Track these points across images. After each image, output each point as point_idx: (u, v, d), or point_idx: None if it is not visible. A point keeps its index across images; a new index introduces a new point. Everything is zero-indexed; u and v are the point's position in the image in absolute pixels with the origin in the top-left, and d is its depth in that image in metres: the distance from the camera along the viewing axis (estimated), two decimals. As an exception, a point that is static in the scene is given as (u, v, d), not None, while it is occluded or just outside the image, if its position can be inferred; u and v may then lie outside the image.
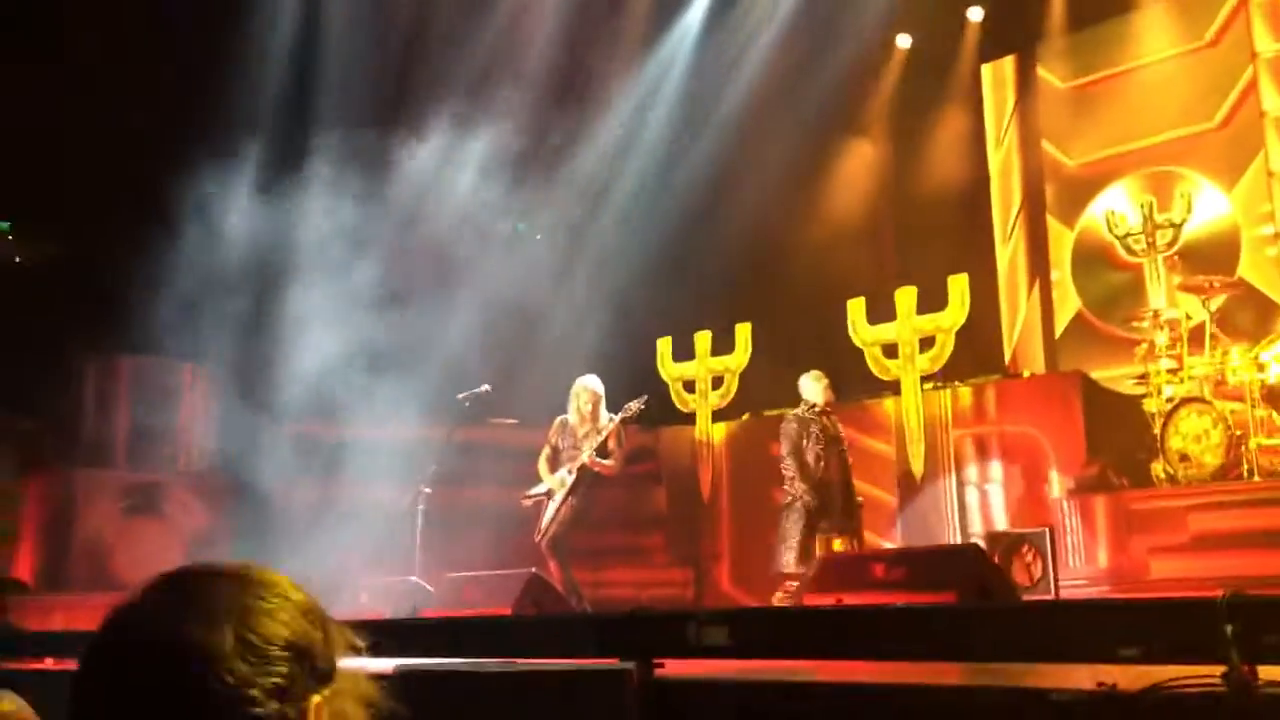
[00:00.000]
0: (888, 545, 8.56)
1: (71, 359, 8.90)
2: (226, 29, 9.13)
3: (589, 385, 7.82)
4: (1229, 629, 2.82)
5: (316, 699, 1.15)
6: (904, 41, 11.60)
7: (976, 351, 9.45)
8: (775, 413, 9.77)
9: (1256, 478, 6.69)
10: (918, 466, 8.63)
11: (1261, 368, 6.92)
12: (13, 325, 9.15)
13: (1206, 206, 9.92)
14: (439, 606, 6.86)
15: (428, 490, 7.76)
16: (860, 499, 7.87)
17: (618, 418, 7.73)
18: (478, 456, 8.63)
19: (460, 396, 8.10)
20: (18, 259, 10.83)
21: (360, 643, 1.26)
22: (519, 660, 4.25)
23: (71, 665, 5.40)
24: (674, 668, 3.75)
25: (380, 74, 9.73)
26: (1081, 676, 3.00)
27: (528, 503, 7.96)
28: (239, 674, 1.08)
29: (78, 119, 9.05)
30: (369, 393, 8.54)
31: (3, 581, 8.07)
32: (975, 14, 11.30)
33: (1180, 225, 9.94)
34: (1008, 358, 10.86)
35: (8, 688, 2.16)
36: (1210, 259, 9.28)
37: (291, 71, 9.52)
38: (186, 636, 1.09)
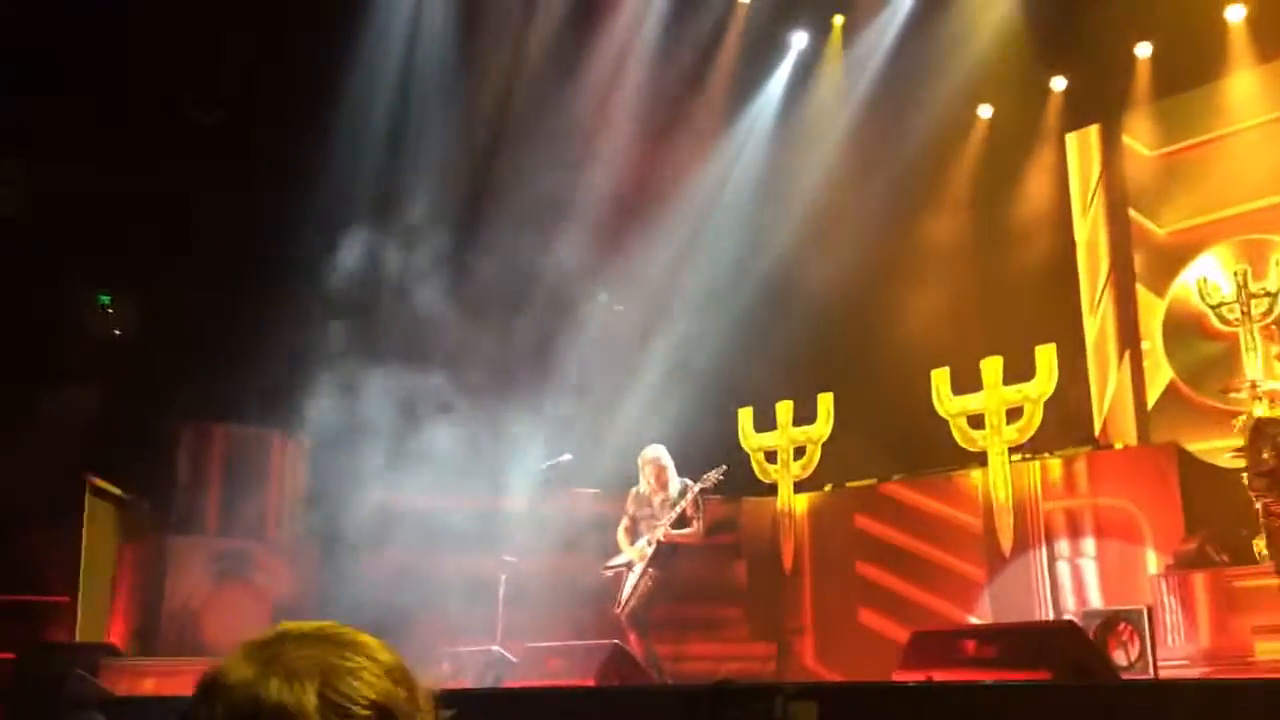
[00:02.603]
0: (975, 621, 8.36)
1: (166, 428, 9.15)
2: (328, 106, 9.45)
3: (652, 455, 7.84)
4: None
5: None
6: (985, 112, 11.58)
7: (1065, 423, 9.26)
8: (858, 484, 9.67)
9: (1367, 555, 6.40)
10: (1006, 540, 8.44)
11: (1369, 440, 6.66)
12: (110, 395, 9.44)
13: (1303, 275, 9.65)
14: (522, 677, 6.84)
15: (510, 559, 7.78)
16: None
17: (696, 486, 7.71)
18: (559, 526, 8.65)
19: (542, 466, 8.16)
20: (117, 332, 11.19)
21: (445, 710, 1.28)
22: (603, 732, 4.21)
23: (163, 730, 5.46)
24: (760, 743, 3.69)
25: (468, 157, 10.00)
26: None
27: (608, 574, 7.95)
28: None
29: (178, 191, 9.40)
30: (453, 462, 8.62)
31: (97, 646, 8.24)
32: (1058, 83, 11.25)
33: (1276, 294, 9.68)
34: (1098, 429, 10.61)
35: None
36: (1309, 327, 9.00)
37: (388, 146, 9.80)
38: (271, 697, 1.13)
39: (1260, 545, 6.96)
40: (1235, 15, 10.06)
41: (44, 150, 9.23)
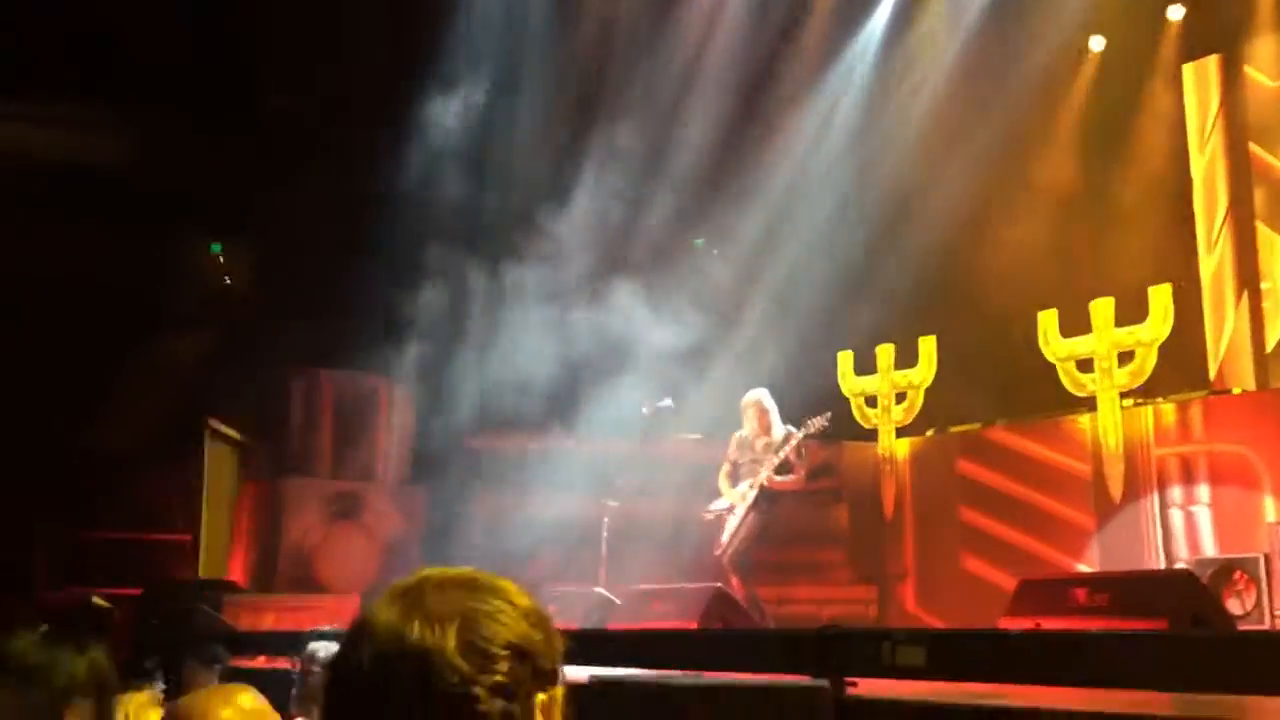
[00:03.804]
0: (1083, 569, 8.22)
1: (279, 374, 9.44)
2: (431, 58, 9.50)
3: (757, 398, 7.82)
4: None
5: (542, 697, 1.21)
6: (1097, 44, 11.15)
7: (1179, 367, 8.98)
8: (961, 429, 9.53)
9: None
10: (1116, 488, 8.26)
11: None
12: (225, 343, 9.77)
13: None
14: (625, 618, 6.95)
15: (613, 503, 7.88)
16: None
17: (799, 433, 7.68)
18: (661, 470, 8.72)
19: (644, 410, 8.21)
20: (228, 280, 11.53)
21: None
22: (707, 673, 4.27)
23: (282, 664, 5.71)
24: (864, 686, 3.71)
25: (575, 84, 9.97)
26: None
27: (709, 518, 8.00)
28: (462, 672, 1.15)
29: (283, 143, 9.59)
30: (556, 406, 8.75)
31: (219, 583, 8.61)
32: (1175, 12, 10.77)
33: None
34: (1213, 374, 10.27)
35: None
36: None
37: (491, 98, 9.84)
38: (412, 640, 1.17)
39: (1388, 493, 6.71)
40: (1370, -66, 9.50)
41: (152, 99, 9.48)
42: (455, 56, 9.63)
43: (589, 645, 4.99)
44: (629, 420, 8.38)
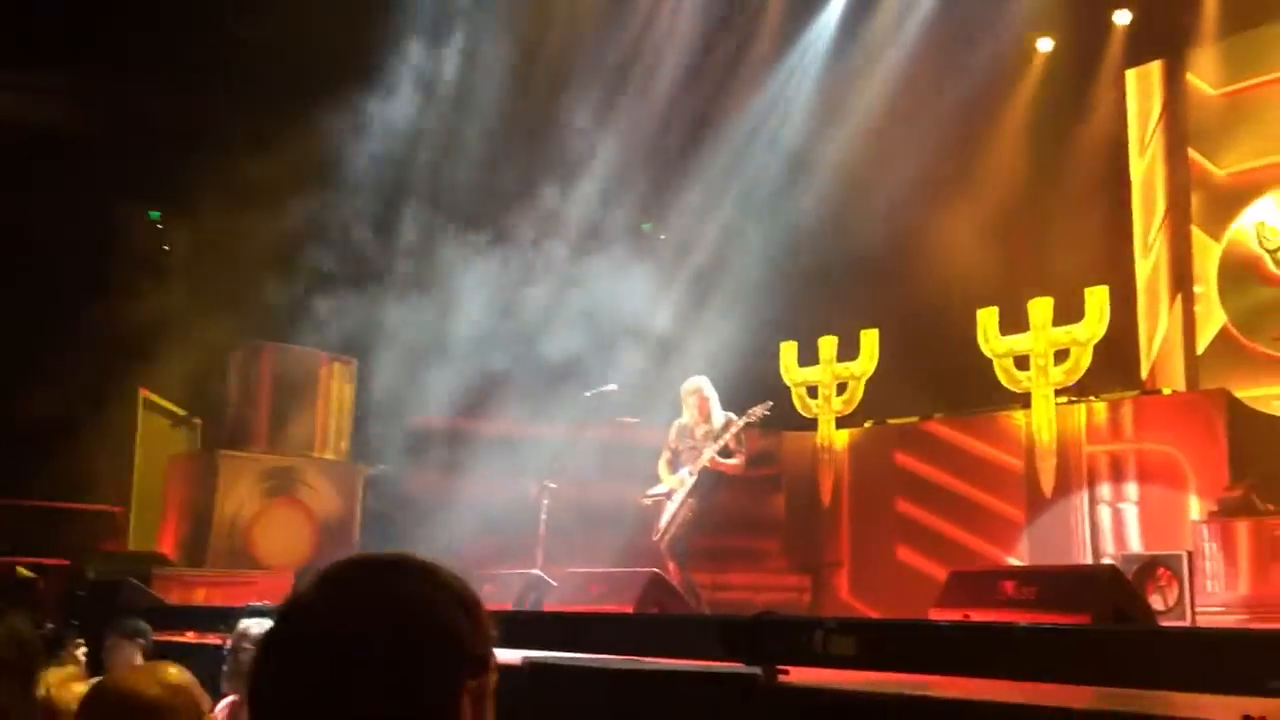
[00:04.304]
0: (1014, 562, 8.38)
1: (218, 345, 9.30)
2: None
3: (697, 386, 7.85)
4: (1393, 668, 2.71)
5: (472, 683, 1.22)
6: (1045, 45, 11.31)
7: (1112, 366, 9.16)
8: (899, 421, 9.66)
9: None
10: (1048, 483, 8.42)
11: None
12: (161, 313, 9.60)
13: (1366, 221, 9.45)
14: (561, 601, 6.96)
15: (552, 485, 7.88)
16: None
17: (740, 420, 7.73)
18: (601, 454, 8.73)
19: (587, 394, 8.21)
20: (166, 248, 11.34)
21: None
22: (641, 658, 4.30)
23: (213, 639, 5.64)
24: (794, 675, 3.75)
25: (527, 62, 9.90)
26: (1224, 708, 2.91)
27: (647, 502, 8.02)
28: (390, 659, 1.15)
29: (221, 103, 9.41)
30: (498, 388, 8.72)
31: (149, 556, 8.48)
32: (1121, 17, 10.95)
33: (1337, 240, 9.52)
34: (1145, 374, 10.51)
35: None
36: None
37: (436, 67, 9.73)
38: (346, 626, 1.17)
39: (1307, 495, 6.92)
40: (1311, -51, 9.73)
41: (93, 61, 9.27)
42: (408, 27, 9.52)
43: (524, 627, 5.00)
44: (571, 403, 8.38)
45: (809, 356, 10.00)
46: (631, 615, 5.52)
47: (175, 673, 2.18)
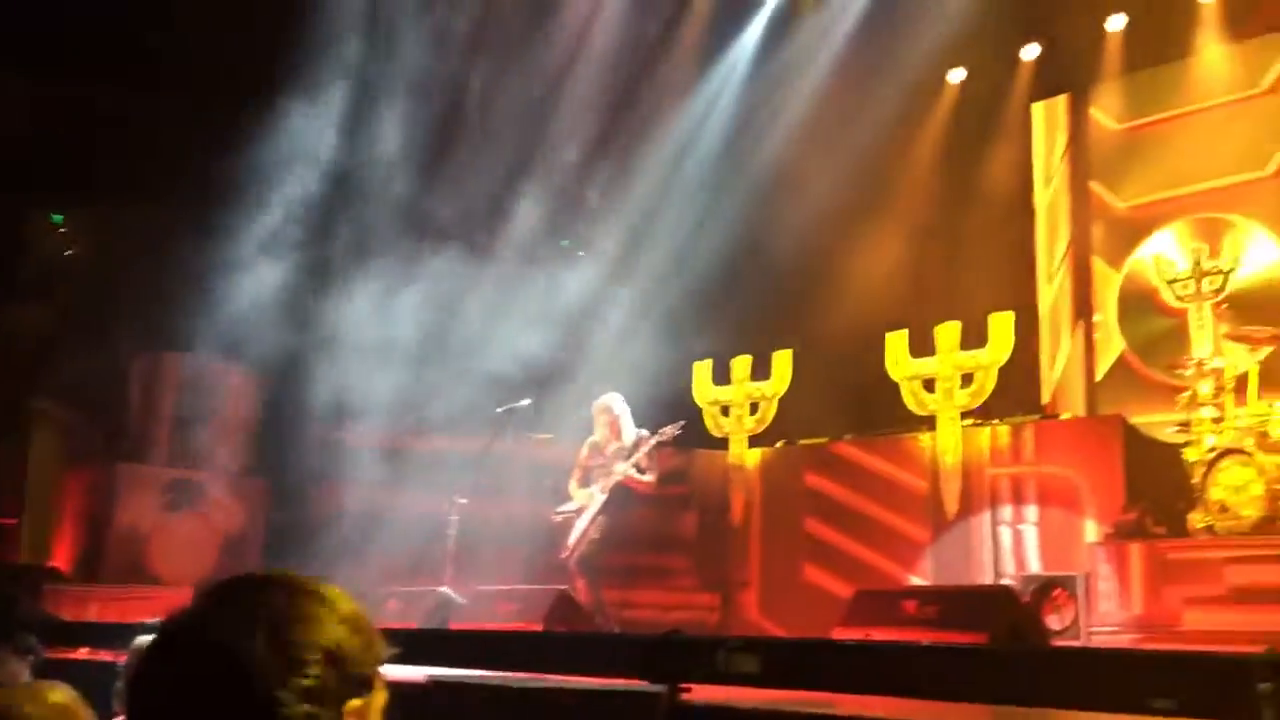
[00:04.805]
0: (917, 581, 8.53)
1: (119, 354, 9.05)
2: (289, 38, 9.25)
3: (608, 403, 7.88)
4: (1265, 687, 2.81)
5: (356, 703, 1.21)
6: (956, 76, 11.60)
7: (1016, 391, 9.40)
8: (810, 442, 9.78)
9: (1297, 533, 6.61)
10: (952, 504, 8.59)
11: (1306, 422, 6.85)
12: (62, 318, 9.32)
13: (1256, 255, 9.83)
14: (469, 618, 6.90)
15: (463, 501, 7.82)
16: None
17: (652, 439, 7.76)
18: (514, 470, 8.69)
19: (500, 409, 8.17)
20: (69, 252, 11.02)
21: (392, 652, 1.32)
22: (547, 676, 4.28)
23: (107, 656, 5.48)
24: (700, 693, 3.77)
25: (443, 77, 9.84)
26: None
27: (558, 519, 8.01)
28: (269, 676, 1.14)
29: (136, 110, 9.20)
30: (408, 401, 8.62)
31: (41, 569, 8.20)
32: (1029, 52, 11.28)
33: (1229, 273, 9.89)
34: (1046, 398, 10.78)
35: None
36: (1259, 309, 9.17)
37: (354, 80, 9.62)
38: (221, 641, 1.16)
39: (1195, 519, 7.16)
40: (1208, -7, 10.13)
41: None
42: (316, 41, 9.40)
43: (429, 645, 4.94)
44: (483, 418, 8.32)
45: (722, 376, 10.09)
46: (538, 633, 5.50)
47: (59, 694, 2.12)
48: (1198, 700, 2.94)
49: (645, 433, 7.78)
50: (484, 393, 8.57)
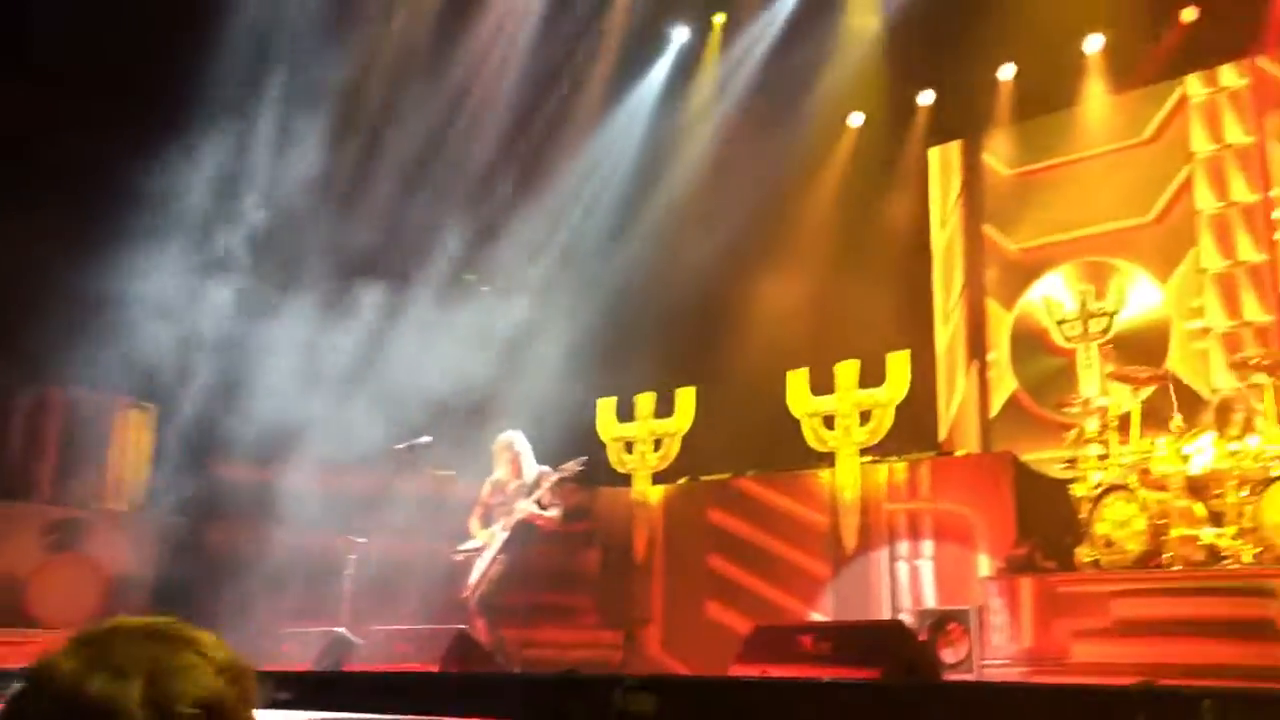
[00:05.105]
0: (818, 617, 8.61)
1: (2, 388, 8.72)
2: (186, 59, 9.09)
3: (509, 441, 7.84)
4: (1139, 718, 2.90)
5: (231, 754, 1.18)
6: (855, 120, 11.89)
7: (913, 428, 9.58)
8: (712, 478, 9.84)
9: (1177, 567, 6.84)
10: (850, 540, 8.71)
11: (1184, 459, 7.11)
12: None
13: (1140, 298, 10.23)
14: (365, 659, 6.77)
15: (361, 540, 7.68)
16: None
17: (554, 475, 7.73)
18: (415, 508, 8.57)
19: (400, 446, 8.06)
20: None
21: (280, 695, 1.30)
22: (441, 719, 4.21)
23: (-21, 705, 5.26)
24: (598, 733, 3.75)
25: (346, 106, 9.76)
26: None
27: (459, 558, 7.92)
28: None
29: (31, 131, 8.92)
30: (306, 437, 8.46)
31: (-87, 613, 7.82)
32: (925, 98, 11.63)
33: (1114, 315, 10.27)
34: (944, 436, 11.04)
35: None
36: (1141, 349, 9.54)
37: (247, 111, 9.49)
38: (93, 691, 1.13)
39: (1082, 553, 7.37)
40: (1093, 45, 10.57)
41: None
42: (221, 56, 9.25)
43: (320, 687, 4.83)
44: (382, 455, 8.21)
45: (626, 413, 10.11)
46: (432, 674, 5.42)
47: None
48: (1078, 732, 3.01)
49: (547, 469, 7.75)
50: (384, 429, 8.45)
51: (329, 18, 9.75)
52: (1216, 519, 7.02)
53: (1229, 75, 10.12)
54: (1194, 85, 10.29)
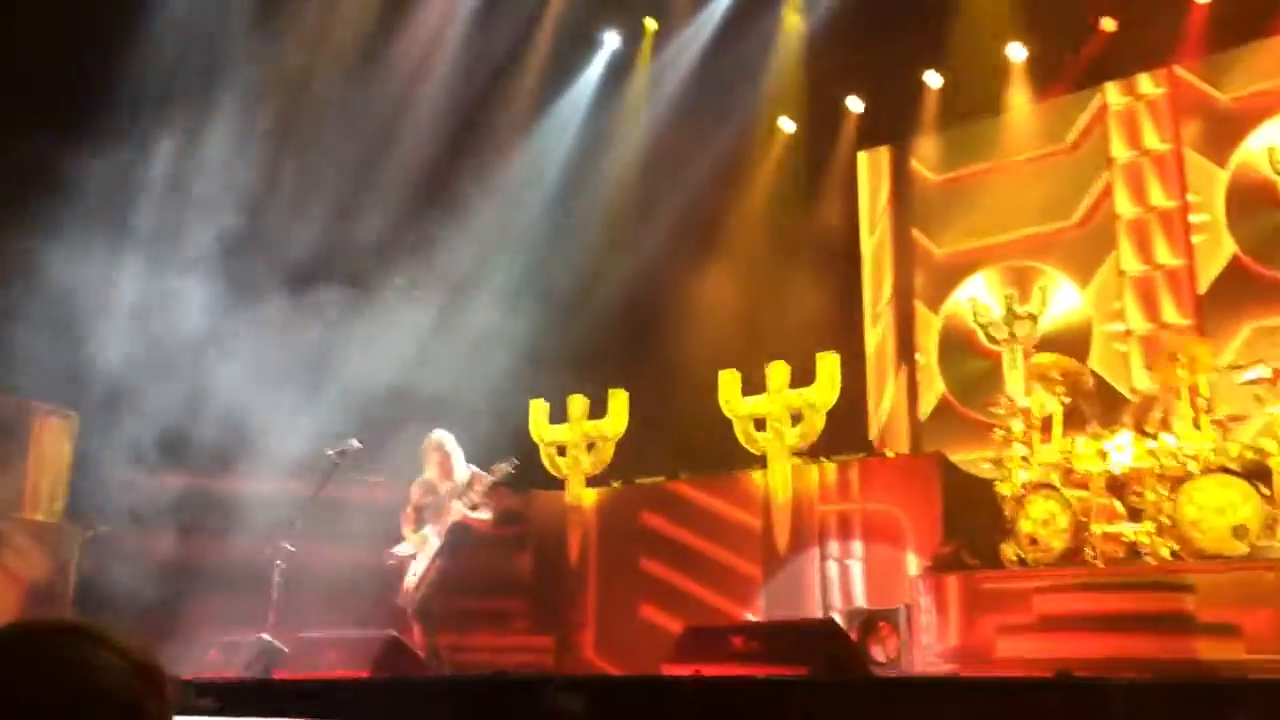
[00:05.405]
0: (751, 617, 8.66)
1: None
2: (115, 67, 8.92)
3: (439, 441, 7.78)
4: (1055, 707, 2.97)
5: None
6: (787, 125, 12.00)
7: (845, 430, 9.70)
8: (646, 481, 9.86)
9: (1099, 563, 7.00)
10: (783, 540, 8.78)
11: (1104, 457, 7.27)
12: None
13: (1062, 301, 10.46)
14: (293, 667, 6.68)
15: (289, 547, 7.57)
16: None
17: (487, 477, 7.68)
18: (345, 513, 8.47)
19: (329, 451, 7.96)
20: None
21: (206, 703, 1.29)
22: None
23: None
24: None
25: (277, 108, 9.63)
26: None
27: (392, 563, 7.84)
28: None
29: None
30: (233, 442, 8.33)
31: None
32: (855, 104, 11.77)
33: (1037, 317, 10.48)
34: (874, 437, 11.18)
35: None
36: (1064, 351, 9.73)
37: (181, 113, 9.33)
38: (5, 694, 1.11)
39: (1007, 551, 7.51)
40: (1017, 54, 10.78)
41: None
42: (147, 53, 9.07)
43: (247, 696, 4.76)
44: (311, 460, 8.10)
45: (559, 415, 10.10)
46: (362, 680, 5.37)
47: None
48: (997, 723, 3.08)
49: (477, 469, 7.70)
50: (313, 433, 8.35)
51: (257, 18, 9.63)
52: (1136, 516, 7.21)
53: (1147, 84, 10.39)
54: (1113, 93, 10.55)
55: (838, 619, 7.48)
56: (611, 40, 11.51)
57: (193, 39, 9.42)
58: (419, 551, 7.68)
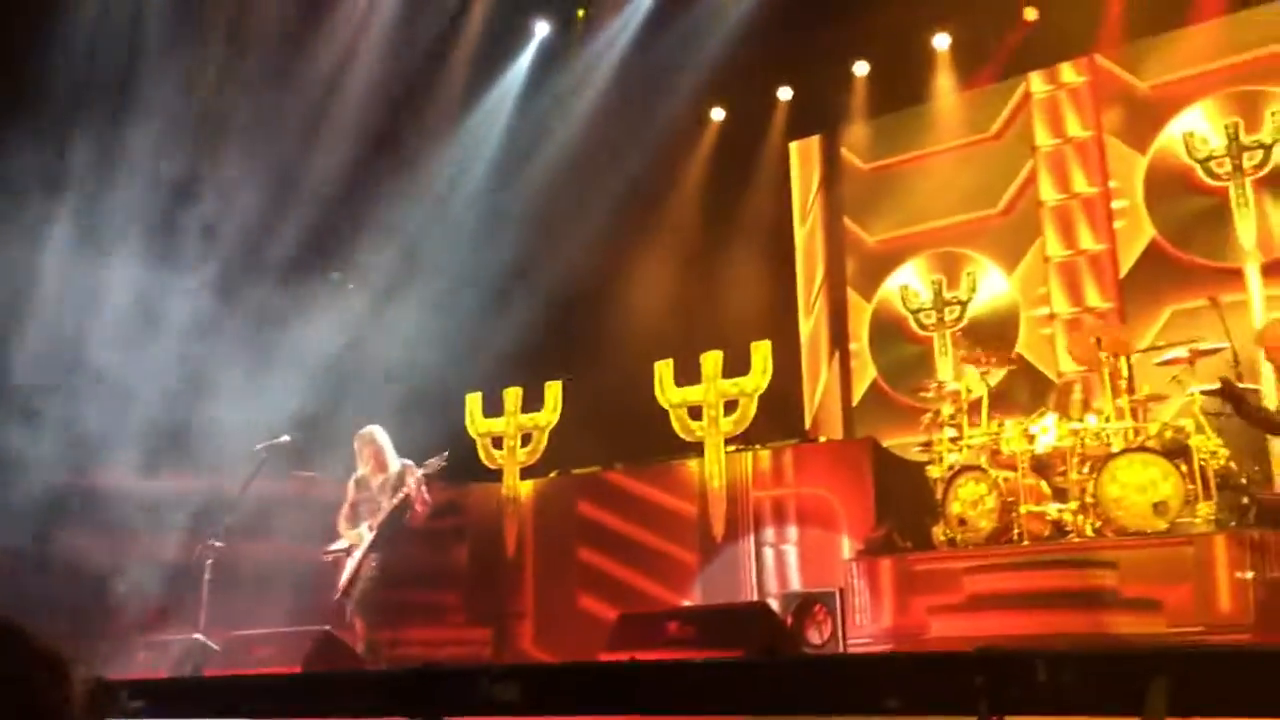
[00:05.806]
0: (687, 604, 8.71)
1: None
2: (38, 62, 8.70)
3: (370, 435, 7.71)
4: (979, 681, 3.02)
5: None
6: (718, 114, 12.04)
7: (779, 417, 9.77)
8: (582, 471, 9.86)
9: (1025, 542, 7.14)
10: (719, 527, 8.84)
11: (1031, 439, 7.42)
12: None
13: (990, 287, 10.63)
14: (224, 665, 6.58)
15: (218, 544, 7.46)
16: None
17: (419, 471, 7.63)
18: (276, 510, 8.36)
19: (258, 447, 7.85)
20: None
21: (133, 704, 1.26)
22: (303, 720, 4.13)
23: None
24: (464, 725, 3.73)
25: (202, 101, 9.46)
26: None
27: (328, 559, 7.76)
28: None
29: None
30: (160, 439, 8.17)
31: None
32: (785, 93, 11.84)
33: (966, 303, 10.64)
34: (809, 424, 11.28)
35: None
36: (992, 336, 9.91)
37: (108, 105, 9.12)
38: None
39: (938, 532, 7.63)
40: (942, 43, 10.92)
41: None
42: (66, 57, 8.87)
43: (176, 695, 4.68)
44: (241, 456, 7.98)
45: (494, 408, 10.05)
46: (290, 676, 5.31)
47: None
48: (924, 697, 3.12)
49: (409, 463, 7.65)
50: (243, 429, 8.22)
51: (176, 11, 9.44)
52: (1061, 495, 7.36)
53: (1069, 72, 10.59)
54: (1036, 82, 10.73)
55: (773, 603, 7.55)
56: (542, 29, 11.46)
57: (110, 35, 9.22)
58: (355, 547, 7.61)
